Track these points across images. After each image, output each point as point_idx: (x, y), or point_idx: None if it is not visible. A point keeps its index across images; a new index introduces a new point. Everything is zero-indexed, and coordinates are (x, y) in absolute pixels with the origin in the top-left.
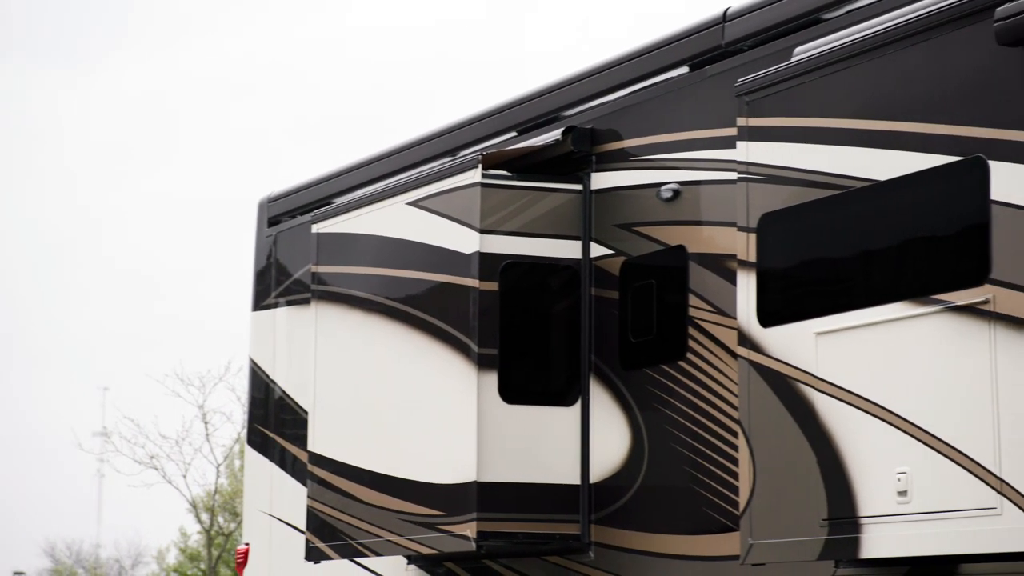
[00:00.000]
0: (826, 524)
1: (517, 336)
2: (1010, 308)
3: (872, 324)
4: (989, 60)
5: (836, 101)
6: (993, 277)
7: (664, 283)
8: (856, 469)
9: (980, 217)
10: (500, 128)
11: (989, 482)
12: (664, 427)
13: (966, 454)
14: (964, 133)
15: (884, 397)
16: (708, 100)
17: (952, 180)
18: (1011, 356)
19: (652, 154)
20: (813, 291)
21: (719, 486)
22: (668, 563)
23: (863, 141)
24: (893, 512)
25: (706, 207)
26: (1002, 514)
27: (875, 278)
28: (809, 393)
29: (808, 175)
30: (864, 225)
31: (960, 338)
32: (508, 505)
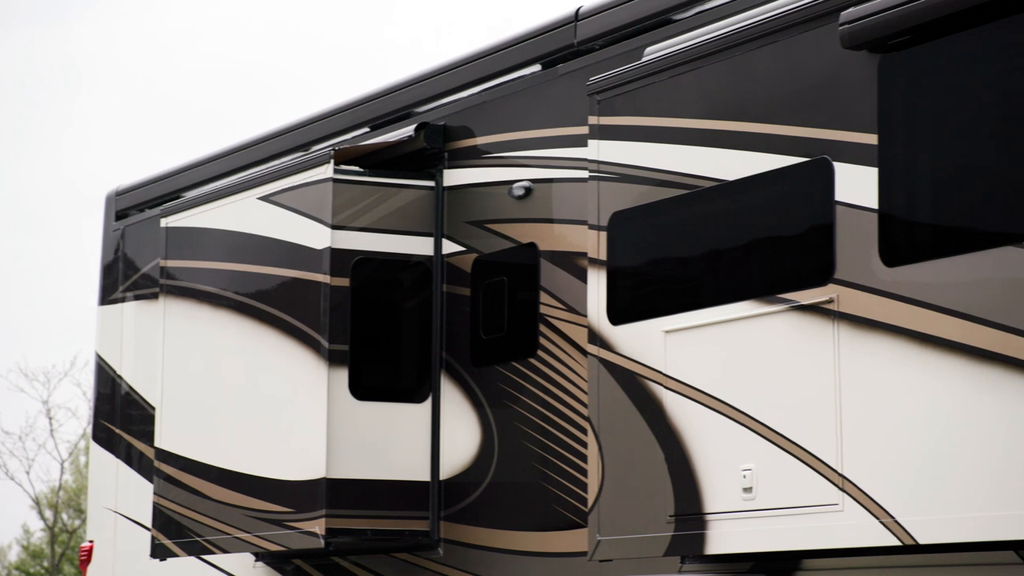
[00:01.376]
0: (673, 520)
1: (368, 332)
2: (853, 307)
3: (719, 323)
4: (834, 63)
5: (686, 101)
6: (837, 277)
7: (515, 280)
8: (703, 466)
9: (825, 218)
10: (353, 123)
11: (831, 479)
12: (514, 424)
13: (809, 451)
14: (810, 135)
15: (730, 395)
16: (560, 98)
17: (798, 181)
18: (854, 355)
19: (504, 151)
20: (662, 289)
21: (568, 483)
22: (516, 559)
23: (712, 141)
24: (738, 508)
25: (558, 205)
26: (843, 510)
27: (723, 277)
28: (657, 390)
29: (658, 174)
30: (712, 224)
31: (805, 337)
32: (357, 502)
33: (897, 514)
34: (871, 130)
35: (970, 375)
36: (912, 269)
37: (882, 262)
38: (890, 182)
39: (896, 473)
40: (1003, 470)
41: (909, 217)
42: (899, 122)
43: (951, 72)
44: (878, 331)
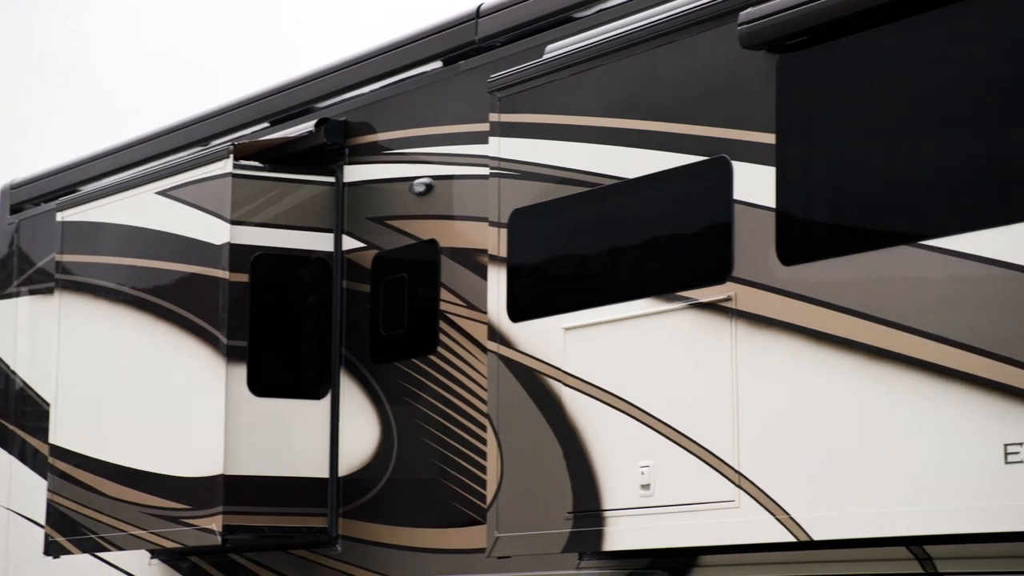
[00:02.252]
0: (571, 517)
1: (267, 328)
2: (750, 306)
3: (619, 320)
4: (733, 63)
5: (586, 99)
6: (735, 275)
7: (416, 277)
8: (601, 463)
9: (723, 216)
10: (252, 118)
11: (728, 476)
12: (414, 421)
13: (707, 448)
14: (709, 133)
15: (629, 392)
16: (461, 95)
17: (697, 179)
18: (751, 353)
19: (405, 148)
20: (562, 287)
21: (467, 479)
22: (415, 556)
23: (612, 139)
24: (636, 505)
25: (458, 202)
26: (740, 507)
27: (623, 274)
28: (557, 387)
29: (558, 172)
30: (612, 222)
31: (703, 334)
32: (255, 499)
33: (793, 511)
34: (769, 129)
35: (865, 373)
36: (809, 268)
37: (779, 260)
38: (787, 181)
39: (792, 470)
40: (897, 466)
41: (806, 216)
42: (797, 122)
43: (848, 73)
44: (775, 329)
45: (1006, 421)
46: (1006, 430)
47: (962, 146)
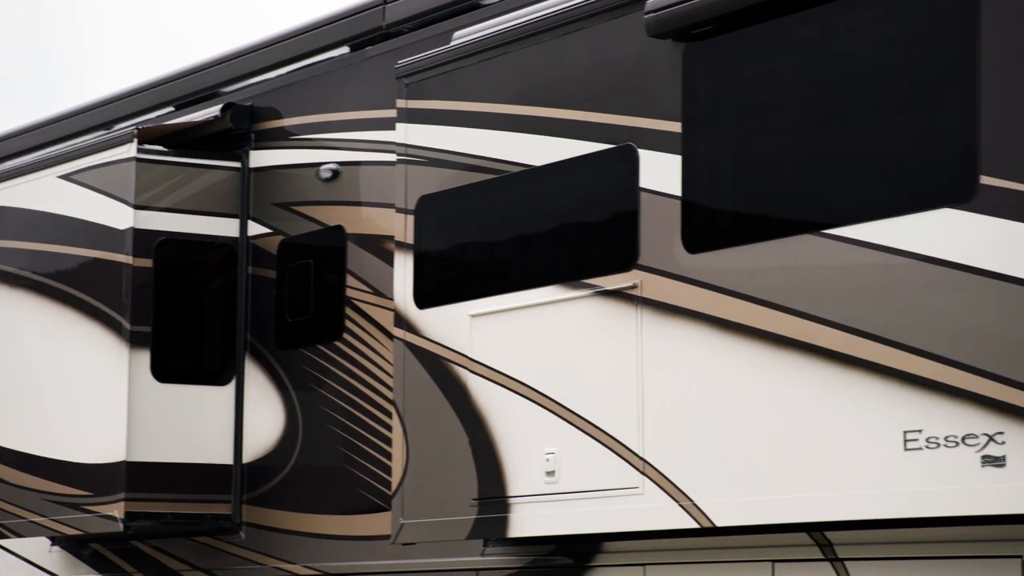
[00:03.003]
0: (476, 504)
1: (171, 314)
2: (656, 293)
3: (525, 307)
4: (640, 51)
5: (494, 86)
6: (640, 263)
7: (322, 263)
8: (507, 450)
9: (629, 204)
10: (157, 102)
11: (633, 463)
12: (319, 407)
13: (612, 435)
14: (616, 121)
15: (535, 379)
16: (368, 81)
17: (603, 167)
18: (656, 340)
19: (312, 133)
20: (469, 273)
21: (372, 466)
22: (319, 543)
23: (520, 127)
24: (541, 492)
25: (365, 188)
26: (644, 493)
27: (529, 262)
28: (463, 374)
29: (465, 159)
30: (519, 209)
31: (608, 322)
32: (158, 485)
33: (696, 497)
34: (675, 118)
35: (768, 361)
36: (713, 256)
37: (685, 248)
38: (693, 170)
39: (695, 457)
40: (798, 453)
41: (711, 204)
42: (702, 110)
43: (753, 62)
44: (680, 317)
45: (905, 408)
46: (905, 417)
47: (864, 136)
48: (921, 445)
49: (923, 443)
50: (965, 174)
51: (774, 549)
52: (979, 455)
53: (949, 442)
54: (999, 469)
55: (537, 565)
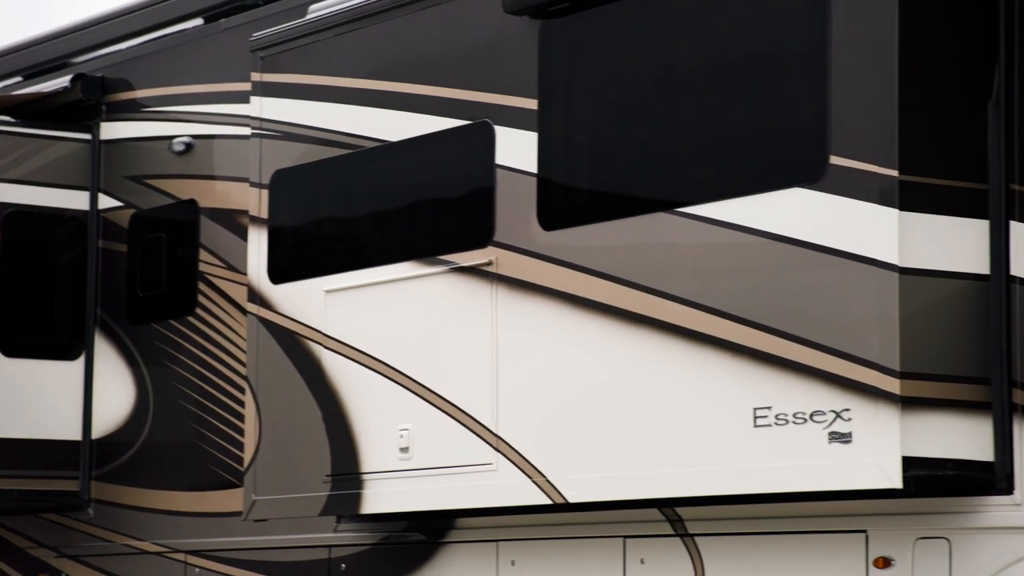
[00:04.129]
0: (329, 480)
1: (19, 288)
2: (511, 270)
3: (380, 283)
4: (497, 27)
5: (350, 61)
6: (496, 239)
7: (174, 237)
8: (361, 426)
9: (485, 181)
10: (6, 72)
11: (487, 439)
12: (171, 383)
13: (466, 412)
14: (472, 98)
15: (390, 355)
16: (223, 54)
17: (460, 144)
18: (511, 317)
19: (165, 106)
20: (324, 249)
21: (225, 443)
22: (170, 520)
23: (376, 102)
24: (395, 468)
25: (219, 162)
26: (497, 470)
27: (385, 238)
28: (317, 350)
29: (321, 133)
30: (375, 185)
31: (464, 298)
32: (4, 462)
33: (549, 474)
34: (532, 95)
35: (621, 338)
36: (568, 233)
37: (540, 226)
38: (549, 147)
39: (549, 434)
40: (650, 430)
41: (566, 182)
42: (558, 88)
43: (609, 40)
44: (535, 293)
45: (755, 385)
46: (755, 394)
47: (717, 115)
48: (770, 422)
49: (772, 420)
50: (815, 154)
51: (626, 525)
52: (826, 431)
53: (797, 419)
54: (845, 445)
55: (390, 542)
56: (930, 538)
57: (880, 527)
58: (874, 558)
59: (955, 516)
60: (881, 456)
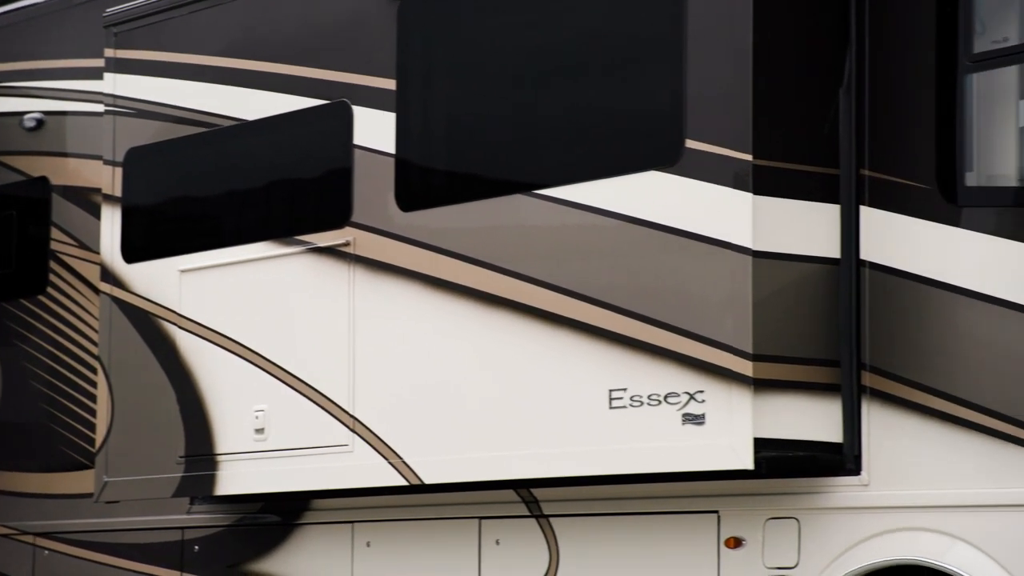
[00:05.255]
0: (183, 461)
1: None
2: (368, 251)
3: (237, 263)
4: (355, 7)
5: (207, 38)
6: (354, 220)
7: (25, 215)
8: (216, 407)
9: (343, 161)
10: None
11: (343, 420)
12: (21, 363)
13: (322, 393)
14: (331, 77)
15: (246, 336)
16: (76, 29)
17: (318, 123)
18: (368, 298)
19: (16, 81)
20: (179, 228)
21: (76, 423)
22: (20, 501)
23: (233, 80)
24: (250, 449)
25: (72, 138)
26: (353, 451)
27: (241, 217)
28: (171, 331)
29: (176, 111)
30: (232, 164)
31: (321, 279)
32: None
33: (405, 455)
34: (390, 75)
35: (479, 320)
36: (426, 214)
37: (398, 206)
38: (407, 128)
39: (405, 415)
40: (507, 411)
41: (424, 163)
42: (417, 69)
43: (467, 21)
44: (392, 275)
45: (611, 367)
46: (611, 376)
47: (575, 98)
48: (626, 403)
49: (627, 401)
50: (671, 138)
51: (482, 506)
52: (680, 413)
53: (652, 400)
54: (699, 427)
55: (244, 523)
56: (780, 518)
57: (732, 507)
58: (725, 538)
59: (805, 496)
60: (733, 438)
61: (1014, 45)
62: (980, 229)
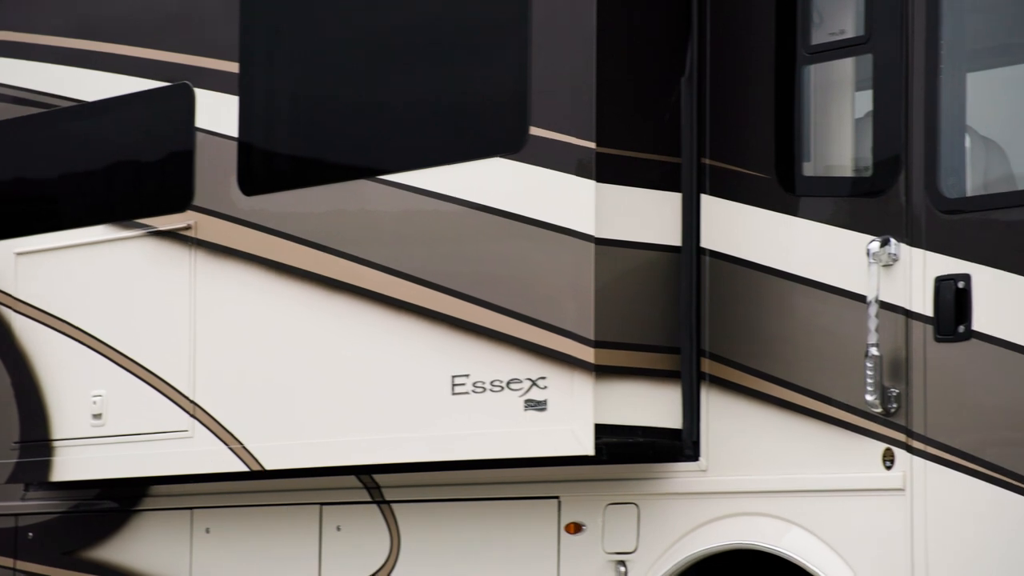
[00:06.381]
0: (17, 447)
1: None
2: (210, 235)
3: (75, 246)
4: None
5: (45, 17)
6: (195, 204)
7: None
8: (52, 392)
9: (185, 144)
10: None
11: (183, 405)
12: None
13: (162, 378)
14: (172, 59)
15: (84, 320)
16: None
17: (159, 105)
18: (210, 282)
19: None
20: (15, 210)
21: None
22: None
23: (74, 60)
24: (87, 435)
25: None
26: (193, 437)
27: (80, 200)
28: (7, 314)
29: (15, 91)
30: (71, 146)
31: (162, 263)
32: None
33: (246, 441)
34: (233, 58)
35: (323, 305)
36: (269, 199)
37: (241, 190)
38: (250, 111)
39: (247, 401)
40: (349, 397)
41: (267, 147)
42: (260, 51)
43: (311, 4)
44: (234, 259)
45: (454, 353)
46: (454, 362)
47: (420, 83)
48: (468, 389)
49: (470, 387)
50: (516, 125)
51: (323, 492)
52: (522, 399)
53: (495, 387)
54: (541, 413)
55: (80, 510)
56: (620, 504)
57: (573, 493)
58: (566, 523)
59: (644, 482)
60: (574, 423)
61: (850, 37)
62: (817, 218)
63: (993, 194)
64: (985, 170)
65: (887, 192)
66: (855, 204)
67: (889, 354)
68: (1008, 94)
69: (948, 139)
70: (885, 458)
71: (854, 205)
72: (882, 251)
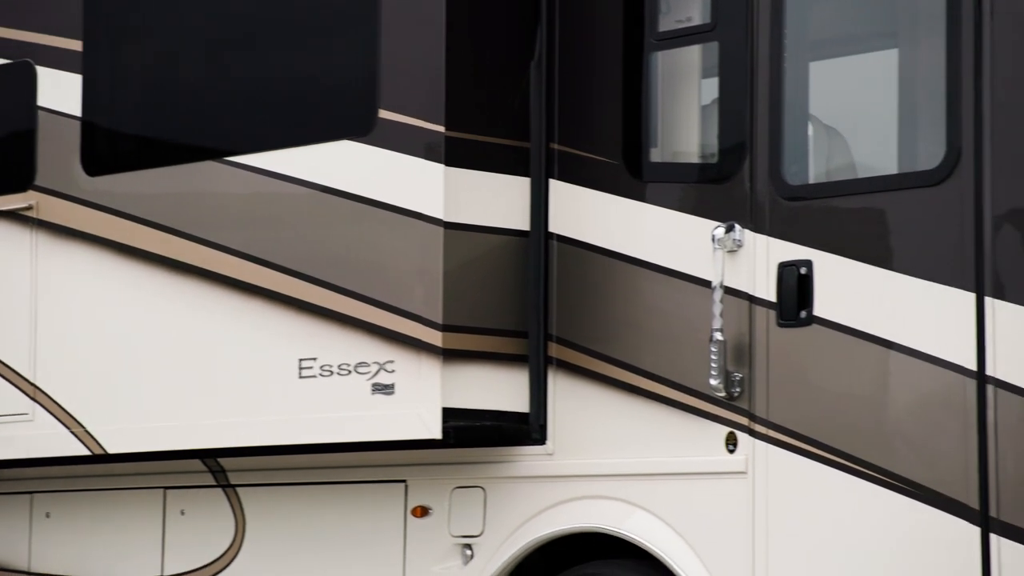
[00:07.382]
0: None
1: None
2: (53, 216)
3: None
4: None
5: None
6: (37, 184)
7: None
8: None
9: (27, 123)
10: None
11: (23, 388)
12: None
13: (2, 360)
14: (12, 36)
15: None
16: None
17: (0, 83)
18: (52, 264)
19: None
20: None
21: None
22: None
23: None
24: None
25: None
26: (34, 420)
27: None
28: None
29: None
30: None
31: (2, 243)
32: None
33: (88, 424)
34: (77, 36)
35: (169, 287)
36: (114, 179)
37: (84, 171)
38: (94, 90)
39: (89, 384)
40: (195, 380)
41: (112, 127)
42: (104, 30)
43: None
44: (77, 240)
45: (302, 336)
46: (301, 345)
47: (269, 64)
48: (316, 373)
49: (318, 371)
50: (365, 108)
51: (168, 476)
52: (370, 383)
53: (342, 370)
54: (388, 397)
55: None
56: (466, 487)
57: (419, 477)
58: (412, 507)
59: (491, 466)
60: (422, 407)
61: (697, 25)
62: (663, 204)
63: (835, 181)
64: (828, 158)
65: (732, 179)
66: (701, 190)
67: (733, 339)
68: (850, 83)
69: (792, 127)
70: (728, 442)
71: (700, 191)
72: (727, 237)
